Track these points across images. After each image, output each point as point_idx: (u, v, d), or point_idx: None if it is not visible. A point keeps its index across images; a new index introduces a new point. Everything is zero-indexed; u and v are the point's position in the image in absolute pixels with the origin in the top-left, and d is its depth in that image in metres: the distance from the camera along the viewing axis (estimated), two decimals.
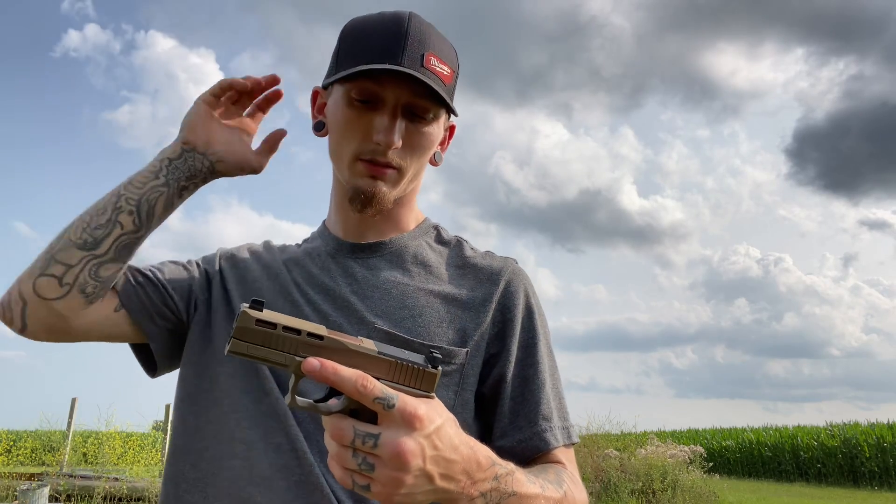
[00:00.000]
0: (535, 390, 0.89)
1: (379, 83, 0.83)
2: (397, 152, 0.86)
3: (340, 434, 0.58)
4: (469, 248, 0.99)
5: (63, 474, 8.84)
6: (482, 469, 0.65)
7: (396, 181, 0.89)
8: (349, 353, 0.60)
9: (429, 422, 0.59)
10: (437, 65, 0.85)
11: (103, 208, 0.84)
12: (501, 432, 0.88)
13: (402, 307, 0.88)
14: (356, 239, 0.96)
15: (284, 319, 0.58)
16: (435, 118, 0.88)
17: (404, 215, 0.98)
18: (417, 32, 0.85)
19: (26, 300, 0.81)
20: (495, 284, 0.92)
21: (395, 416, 0.58)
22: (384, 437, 0.57)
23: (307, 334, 0.58)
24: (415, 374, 0.61)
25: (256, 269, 0.97)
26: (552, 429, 0.88)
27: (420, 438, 0.58)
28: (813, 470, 18.82)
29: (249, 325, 0.57)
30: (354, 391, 0.57)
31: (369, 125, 0.85)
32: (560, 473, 0.82)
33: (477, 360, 0.88)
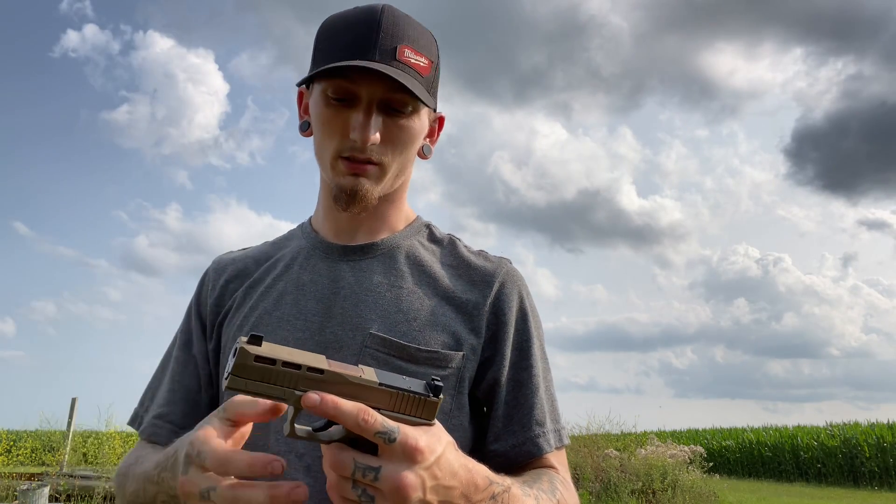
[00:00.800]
0: (529, 395, 0.89)
1: (352, 80, 0.82)
2: (377, 148, 0.85)
3: (340, 465, 0.57)
4: (462, 248, 0.97)
5: (63, 474, 8.83)
6: (479, 490, 0.65)
7: (379, 177, 0.88)
8: (350, 385, 0.58)
9: (430, 453, 0.58)
10: (412, 56, 0.84)
11: None
12: (495, 436, 0.88)
13: (396, 311, 0.87)
14: (346, 241, 0.94)
15: (284, 353, 0.56)
16: (414, 111, 0.87)
17: (394, 214, 0.96)
18: (390, 25, 0.83)
19: None
20: (489, 286, 0.91)
21: (397, 450, 0.57)
22: (385, 471, 0.56)
23: (307, 369, 0.57)
24: (416, 402, 0.60)
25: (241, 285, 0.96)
26: (545, 434, 0.88)
27: (420, 471, 0.58)
28: (813, 470, 18.81)
29: (248, 362, 0.55)
30: (355, 426, 0.56)
31: (346, 123, 0.84)
32: (553, 480, 0.82)
33: (472, 363, 0.88)
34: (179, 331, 0.99)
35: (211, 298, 0.97)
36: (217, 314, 0.95)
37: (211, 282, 0.98)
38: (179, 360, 0.95)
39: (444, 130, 0.99)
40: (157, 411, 0.93)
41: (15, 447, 12.62)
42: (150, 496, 0.74)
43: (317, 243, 0.95)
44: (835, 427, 19.77)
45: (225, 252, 1.04)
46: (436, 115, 0.96)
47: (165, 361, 0.99)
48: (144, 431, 0.92)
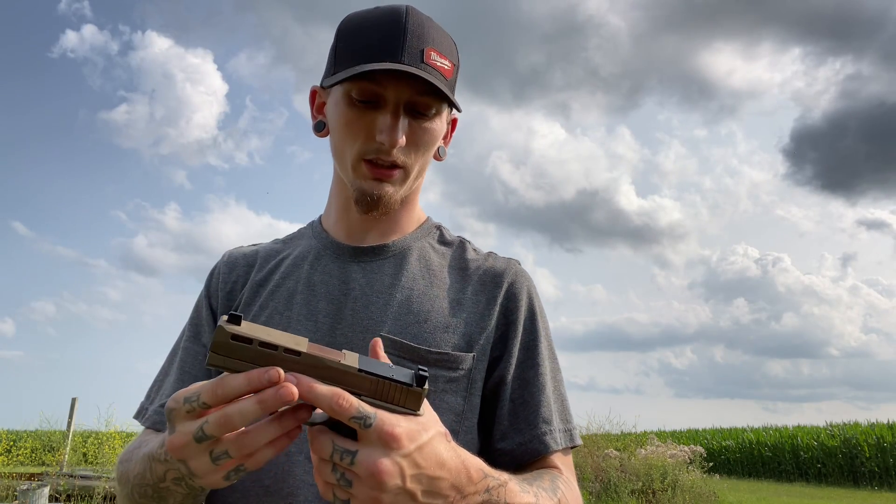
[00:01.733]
0: (536, 393, 0.89)
1: (379, 82, 0.82)
2: (402, 150, 0.85)
3: (320, 447, 0.57)
4: (472, 250, 0.98)
5: (63, 474, 8.83)
6: (473, 482, 0.64)
7: (402, 181, 0.88)
8: (328, 369, 0.57)
9: (409, 441, 0.57)
10: (438, 59, 0.84)
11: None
12: (501, 434, 0.88)
13: (407, 313, 0.87)
14: (357, 242, 0.94)
15: (262, 333, 0.56)
16: (437, 114, 0.87)
17: (406, 215, 0.96)
18: (416, 27, 0.83)
19: None
20: (498, 287, 0.92)
21: (373, 436, 0.56)
22: (360, 456, 0.56)
23: (284, 350, 0.56)
24: (399, 391, 0.59)
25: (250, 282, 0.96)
26: (552, 432, 0.87)
27: (398, 458, 0.57)
28: (813, 470, 18.82)
29: (226, 340, 0.55)
30: (330, 409, 0.55)
31: (372, 125, 0.84)
32: (555, 480, 0.81)
33: (482, 364, 0.88)
34: (188, 323, 0.99)
35: (222, 292, 0.96)
36: (228, 308, 0.95)
37: (222, 275, 0.98)
38: (189, 351, 0.95)
39: None
40: (163, 401, 0.91)
41: (15, 447, 12.62)
42: (159, 475, 0.70)
43: (327, 243, 0.95)
44: (835, 427, 19.78)
45: (235, 247, 1.04)
46: (450, 118, 0.96)
47: (173, 354, 0.98)
48: (148, 419, 0.91)
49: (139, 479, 0.75)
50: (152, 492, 0.74)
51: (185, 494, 0.72)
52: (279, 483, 0.80)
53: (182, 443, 0.58)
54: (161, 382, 0.96)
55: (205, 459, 0.58)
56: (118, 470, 0.82)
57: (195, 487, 0.70)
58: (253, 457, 0.59)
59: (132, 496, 0.77)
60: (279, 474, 0.81)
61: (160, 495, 0.73)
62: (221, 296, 0.96)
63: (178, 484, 0.70)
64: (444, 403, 0.84)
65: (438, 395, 0.84)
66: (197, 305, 0.99)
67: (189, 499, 0.74)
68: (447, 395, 0.85)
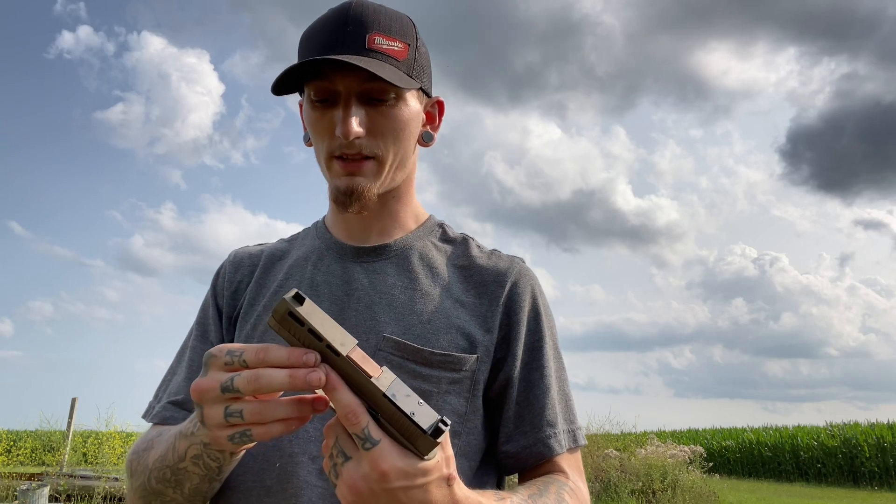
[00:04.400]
0: (541, 395, 0.88)
1: (327, 78, 0.82)
2: (367, 141, 0.84)
3: (328, 432, 0.61)
4: (475, 247, 0.96)
5: (63, 474, 8.83)
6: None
7: (377, 172, 0.86)
8: (359, 379, 0.58)
9: (396, 478, 0.58)
10: (384, 42, 0.83)
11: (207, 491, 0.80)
12: (506, 437, 0.87)
13: (410, 313, 0.86)
14: (359, 242, 0.93)
15: (317, 321, 0.58)
16: (398, 98, 0.85)
17: (403, 211, 0.95)
18: (358, 16, 0.83)
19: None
20: (501, 286, 0.90)
21: (364, 458, 0.58)
22: (349, 465, 0.59)
23: (327, 345, 0.58)
24: (411, 431, 0.58)
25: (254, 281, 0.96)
26: (556, 435, 0.87)
27: (376, 486, 0.58)
28: (813, 470, 18.82)
29: (284, 314, 0.57)
30: (343, 417, 0.58)
31: (331, 122, 0.84)
32: (561, 491, 0.81)
33: (486, 365, 0.87)
34: (195, 323, 0.98)
35: (227, 291, 0.96)
36: (233, 308, 0.95)
37: (227, 275, 0.98)
38: (196, 350, 0.94)
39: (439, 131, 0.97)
40: (171, 398, 0.91)
41: (15, 447, 12.62)
42: (181, 453, 0.74)
43: (330, 244, 0.95)
44: (835, 427, 19.78)
45: (241, 246, 1.04)
46: (433, 100, 0.94)
47: (181, 353, 0.98)
48: (157, 416, 0.90)
49: (159, 463, 0.77)
50: (170, 474, 0.76)
51: (201, 476, 0.75)
52: (282, 483, 0.80)
53: (208, 387, 0.62)
54: (169, 381, 0.96)
55: (219, 411, 0.62)
56: (131, 462, 0.83)
57: (213, 466, 0.73)
58: (263, 427, 0.61)
59: (149, 483, 0.78)
60: (282, 475, 0.80)
61: (177, 478, 0.76)
62: (227, 295, 0.96)
63: (196, 463, 0.73)
64: (447, 405, 0.84)
65: (441, 397, 0.83)
66: (204, 305, 0.99)
67: (205, 482, 0.76)
68: (450, 396, 0.84)
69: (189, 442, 0.72)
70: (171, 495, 0.78)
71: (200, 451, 0.72)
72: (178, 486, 0.77)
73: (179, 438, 0.74)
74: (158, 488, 0.78)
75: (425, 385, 0.83)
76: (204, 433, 0.69)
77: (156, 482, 0.78)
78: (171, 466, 0.75)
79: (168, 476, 0.76)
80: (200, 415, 0.64)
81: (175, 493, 0.78)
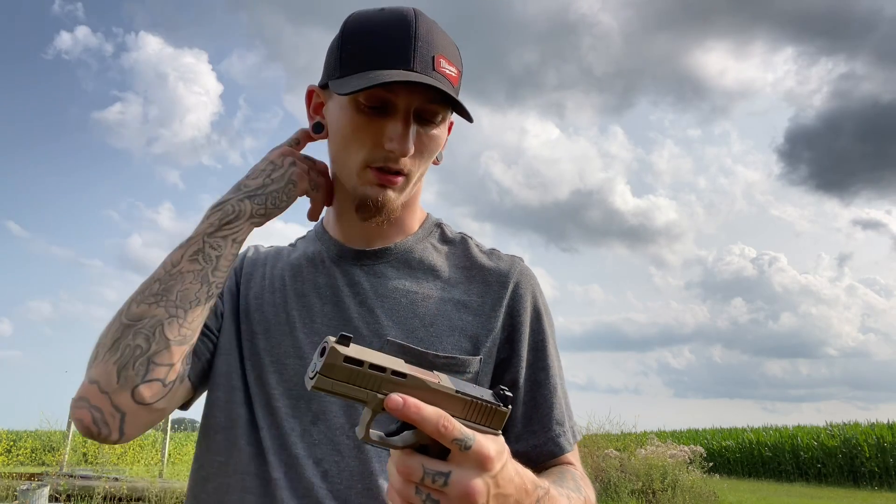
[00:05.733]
0: (548, 395, 0.90)
1: (391, 89, 0.80)
2: (409, 159, 0.84)
3: (409, 471, 0.58)
4: (474, 247, 0.97)
5: (63, 474, 8.83)
6: (529, 495, 0.66)
7: (404, 187, 0.87)
8: (428, 390, 0.59)
9: (498, 462, 0.60)
10: (447, 67, 0.83)
11: (196, 299, 0.78)
12: (516, 437, 0.88)
13: (413, 316, 0.87)
14: (361, 245, 0.93)
15: (370, 356, 0.57)
16: (443, 120, 0.87)
17: (408, 217, 0.95)
18: (426, 33, 0.82)
19: (125, 411, 0.74)
20: (504, 287, 0.91)
21: (470, 457, 0.58)
22: (455, 477, 0.58)
23: (391, 372, 0.58)
24: (487, 412, 0.62)
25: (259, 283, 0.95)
26: (565, 433, 0.89)
27: (488, 478, 0.59)
28: (813, 470, 18.81)
29: (337, 363, 0.56)
30: (435, 431, 0.57)
31: (380, 132, 0.82)
32: (576, 478, 0.83)
33: (489, 366, 0.88)
34: None
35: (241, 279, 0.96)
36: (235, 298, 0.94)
37: (247, 267, 0.97)
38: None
39: None
40: None
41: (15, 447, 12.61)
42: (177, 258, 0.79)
43: (331, 246, 0.94)
44: (835, 427, 19.77)
45: (257, 243, 1.04)
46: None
47: None
48: None
49: (144, 285, 0.78)
50: (158, 286, 0.77)
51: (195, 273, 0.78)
52: (291, 473, 0.81)
53: None
54: None
55: None
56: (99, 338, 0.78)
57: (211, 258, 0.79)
58: None
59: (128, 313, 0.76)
60: (291, 473, 0.81)
61: (166, 287, 0.77)
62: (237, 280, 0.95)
63: (194, 260, 0.78)
64: None
65: None
66: None
67: (196, 282, 0.78)
68: None
69: (187, 245, 0.79)
70: (153, 311, 0.75)
71: (201, 244, 0.78)
72: (166, 294, 0.76)
73: (174, 251, 0.79)
74: (140, 311, 0.75)
75: None
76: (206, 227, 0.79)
77: (136, 305, 0.76)
78: (160, 278, 0.78)
79: (155, 290, 0.76)
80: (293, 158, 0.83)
81: (158, 307, 0.76)
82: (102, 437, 0.74)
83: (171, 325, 0.76)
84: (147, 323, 0.75)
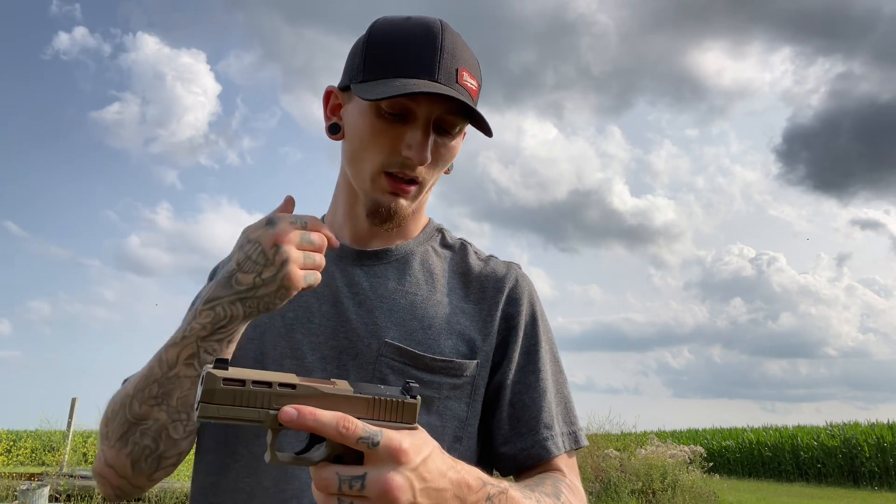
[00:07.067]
0: (537, 398, 0.89)
1: (413, 98, 0.80)
2: (425, 168, 0.85)
3: (325, 483, 0.56)
4: (473, 253, 0.97)
5: (63, 474, 8.83)
6: (473, 491, 0.64)
7: (416, 196, 0.88)
8: (324, 397, 0.57)
9: (415, 454, 0.58)
10: (468, 80, 0.84)
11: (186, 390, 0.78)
12: (503, 439, 0.88)
13: (412, 318, 0.87)
14: (361, 245, 0.93)
15: (252, 374, 0.56)
16: (460, 132, 0.88)
17: (411, 220, 0.96)
18: (451, 46, 0.83)
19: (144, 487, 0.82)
20: (500, 292, 0.92)
21: (381, 453, 0.56)
22: (370, 477, 0.56)
23: (278, 385, 0.56)
24: (395, 407, 0.60)
25: None
26: (553, 437, 0.88)
27: (407, 472, 0.57)
28: (813, 470, 18.83)
29: (217, 386, 0.54)
30: (336, 434, 0.55)
31: (398, 139, 0.82)
32: (557, 484, 0.81)
33: (485, 370, 0.88)
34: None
35: None
36: None
37: None
38: None
39: None
40: None
41: (15, 447, 12.62)
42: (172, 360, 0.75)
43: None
44: (835, 427, 19.78)
45: None
46: None
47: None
48: None
49: (143, 382, 0.76)
50: (157, 388, 0.75)
51: (193, 379, 0.75)
52: (282, 485, 0.80)
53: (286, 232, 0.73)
54: None
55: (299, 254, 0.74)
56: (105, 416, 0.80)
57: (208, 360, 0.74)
58: None
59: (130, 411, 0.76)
60: (281, 477, 0.80)
61: (166, 390, 0.75)
62: None
63: (189, 365, 0.74)
64: (448, 410, 0.84)
65: (442, 402, 0.84)
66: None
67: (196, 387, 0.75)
68: (451, 401, 0.85)
69: (182, 345, 0.74)
70: (156, 415, 0.76)
71: (195, 349, 0.73)
72: (166, 398, 0.75)
73: (168, 348, 0.75)
74: (142, 411, 0.76)
75: (427, 391, 0.83)
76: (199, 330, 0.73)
77: (139, 405, 0.76)
78: (158, 380, 0.75)
79: (155, 392, 0.75)
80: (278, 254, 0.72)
81: (160, 411, 0.76)
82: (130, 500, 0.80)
83: (175, 427, 0.77)
84: (152, 426, 0.77)
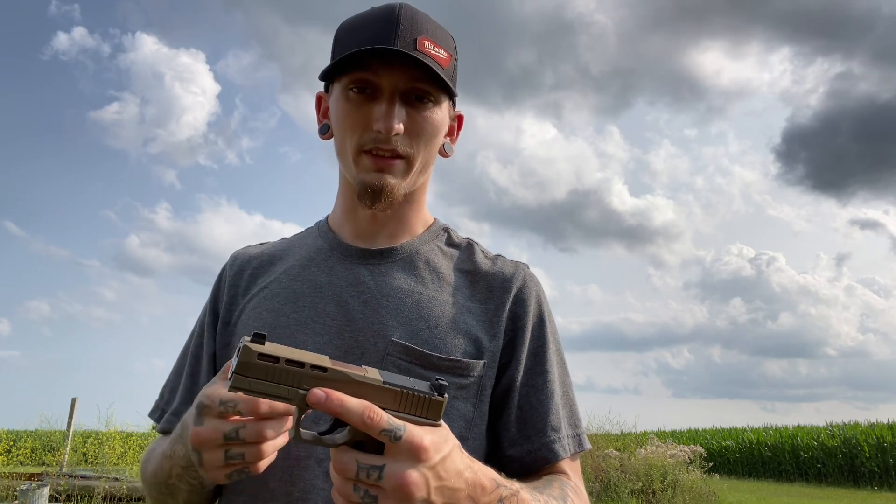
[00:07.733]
0: (544, 400, 0.88)
1: (373, 71, 0.82)
2: (403, 139, 0.84)
3: (344, 467, 0.57)
4: (480, 252, 0.97)
5: (63, 474, 8.83)
6: (486, 493, 0.64)
7: (405, 171, 0.87)
8: (354, 384, 0.58)
9: (435, 452, 0.58)
10: (432, 48, 0.84)
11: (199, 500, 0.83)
12: (510, 442, 0.87)
13: (417, 318, 0.86)
14: (366, 244, 0.93)
15: (287, 352, 0.57)
16: (436, 102, 0.87)
17: (413, 216, 0.95)
18: (409, 19, 0.83)
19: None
20: (507, 292, 0.91)
21: (402, 448, 0.57)
22: (388, 470, 0.56)
23: (311, 366, 0.57)
24: (421, 402, 0.60)
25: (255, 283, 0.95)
26: (561, 439, 0.87)
27: (425, 470, 0.57)
28: (813, 470, 18.82)
29: (252, 360, 0.55)
30: (361, 423, 0.56)
31: (369, 115, 0.84)
32: (564, 487, 0.82)
33: (492, 370, 0.87)
34: (197, 323, 0.99)
35: (228, 295, 0.96)
36: (231, 312, 0.94)
37: (228, 278, 0.97)
38: (196, 356, 0.96)
39: None
40: (176, 408, 0.94)
41: (15, 447, 12.60)
42: (166, 472, 0.78)
43: (335, 244, 0.94)
44: (835, 427, 19.78)
45: (242, 247, 1.03)
46: (454, 114, 0.96)
47: (184, 355, 0.98)
48: (163, 428, 0.94)
49: (153, 479, 0.82)
50: (165, 488, 0.81)
51: (188, 490, 0.79)
52: (287, 486, 0.80)
53: (210, 437, 0.65)
54: (173, 384, 0.98)
55: (219, 455, 0.66)
56: (143, 469, 0.89)
57: (195, 484, 0.77)
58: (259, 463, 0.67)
59: (151, 493, 0.85)
60: (287, 478, 0.80)
61: (170, 491, 0.80)
62: (227, 298, 0.95)
63: (181, 480, 0.77)
64: (455, 410, 0.84)
65: (449, 402, 0.83)
66: (204, 309, 0.99)
67: (194, 495, 0.80)
68: (457, 401, 0.84)
69: (171, 462, 0.77)
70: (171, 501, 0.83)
71: (181, 471, 0.76)
72: (173, 497, 0.81)
73: (164, 459, 0.79)
74: (160, 499, 0.84)
75: None
76: (181, 458, 0.74)
77: (157, 493, 0.83)
78: (163, 482, 0.80)
79: (163, 490, 0.81)
80: (199, 459, 0.67)
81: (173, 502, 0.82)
82: None
83: None
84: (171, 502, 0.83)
